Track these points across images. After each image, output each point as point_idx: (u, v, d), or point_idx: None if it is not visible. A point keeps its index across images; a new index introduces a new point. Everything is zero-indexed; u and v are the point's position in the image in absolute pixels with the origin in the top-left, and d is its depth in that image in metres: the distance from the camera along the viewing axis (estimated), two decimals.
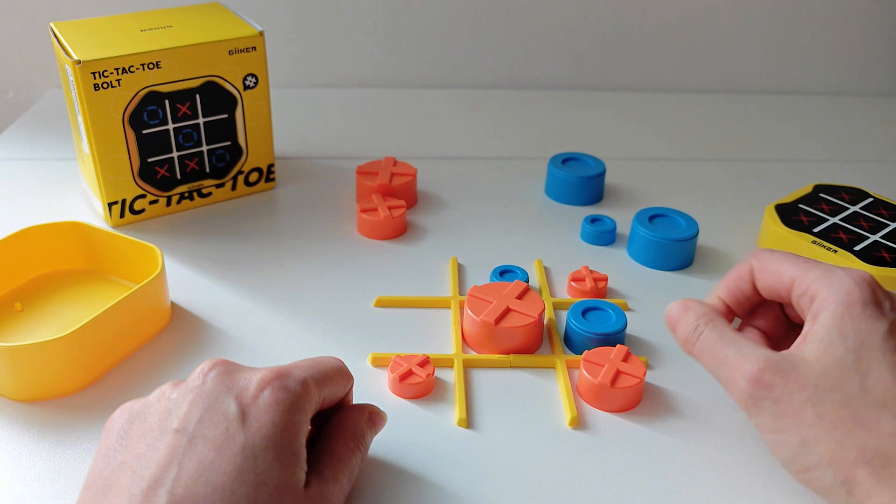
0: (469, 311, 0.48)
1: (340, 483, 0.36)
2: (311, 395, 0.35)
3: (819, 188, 0.62)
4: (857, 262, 0.52)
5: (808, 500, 0.39)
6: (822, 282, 0.37)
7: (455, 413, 0.44)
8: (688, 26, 0.88)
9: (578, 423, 0.43)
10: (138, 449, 0.32)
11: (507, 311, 0.48)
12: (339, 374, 0.38)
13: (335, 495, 0.35)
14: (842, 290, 0.37)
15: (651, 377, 0.47)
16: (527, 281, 0.54)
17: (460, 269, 0.57)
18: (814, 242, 0.55)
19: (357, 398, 0.42)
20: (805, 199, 0.60)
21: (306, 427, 0.35)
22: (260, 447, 0.32)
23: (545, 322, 0.51)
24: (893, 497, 0.33)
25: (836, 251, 0.54)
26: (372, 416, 0.39)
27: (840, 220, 0.57)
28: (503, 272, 0.55)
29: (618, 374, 0.44)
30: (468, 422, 0.43)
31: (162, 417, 0.33)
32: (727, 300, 0.42)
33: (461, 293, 0.54)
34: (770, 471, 0.41)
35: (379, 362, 0.47)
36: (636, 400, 0.45)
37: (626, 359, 0.45)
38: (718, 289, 0.43)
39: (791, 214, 0.58)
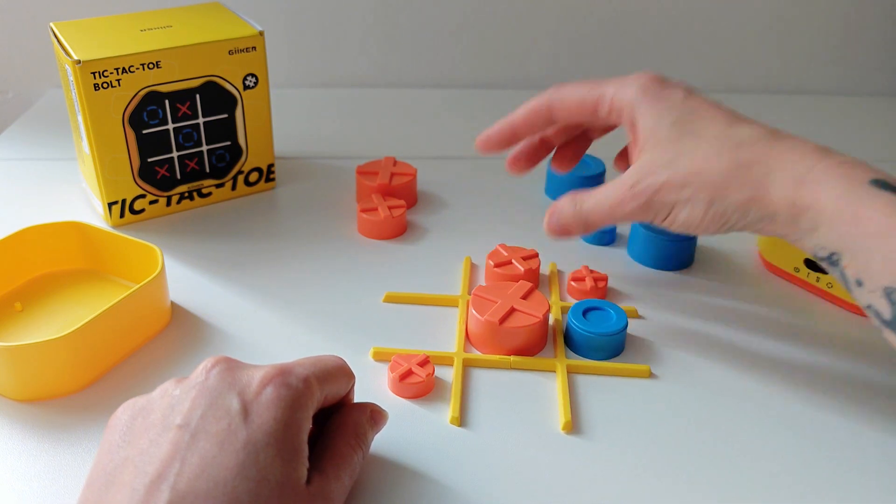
0: (473, 311, 0.48)
1: (342, 480, 0.35)
2: (312, 392, 0.35)
3: None
4: None
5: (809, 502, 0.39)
6: (620, 89, 0.46)
7: (449, 411, 0.44)
8: (687, 26, 0.88)
9: (573, 427, 0.43)
10: (141, 444, 0.32)
11: (512, 310, 0.48)
12: (341, 373, 0.38)
13: (336, 492, 0.35)
14: (637, 85, 0.45)
15: (651, 384, 0.47)
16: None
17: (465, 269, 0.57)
18: None
19: (357, 397, 0.42)
20: None
21: (308, 424, 0.35)
22: (262, 443, 0.32)
23: (550, 323, 0.51)
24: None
25: None
26: (374, 415, 0.39)
27: None
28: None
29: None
30: (462, 420, 0.43)
31: (165, 413, 0.33)
32: (522, 128, 0.49)
33: (468, 293, 0.54)
34: (771, 473, 0.41)
35: (381, 357, 0.47)
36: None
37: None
38: (513, 120, 0.49)
39: None
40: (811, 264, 0.45)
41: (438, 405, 0.45)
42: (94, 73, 0.54)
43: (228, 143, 0.62)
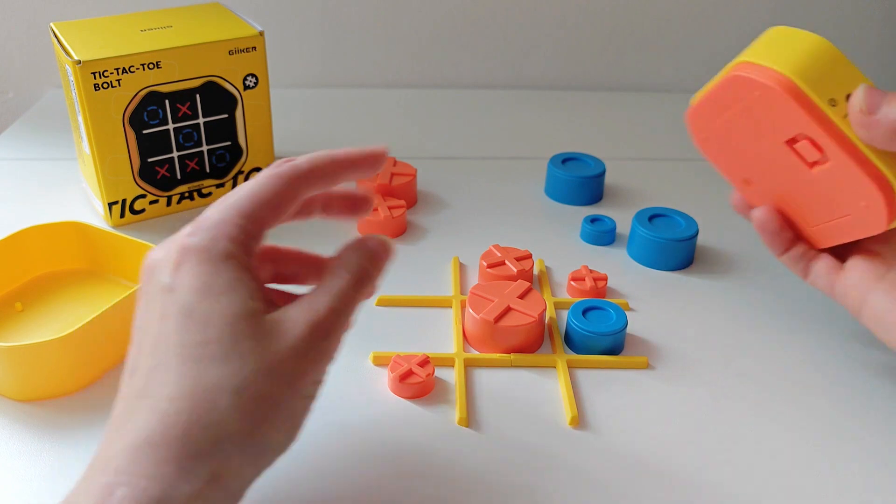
0: (470, 310, 0.48)
1: (317, 309, 0.32)
2: (221, 237, 0.32)
3: None
4: None
5: None
6: None
7: (456, 412, 0.44)
8: (687, 26, 0.88)
9: (579, 422, 0.43)
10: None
11: (508, 309, 0.48)
12: (271, 187, 0.34)
13: (307, 316, 0.32)
14: None
15: (651, 376, 0.47)
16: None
17: (461, 269, 0.57)
18: None
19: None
20: None
21: (239, 262, 0.32)
22: (191, 301, 0.31)
23: (546, 321, 0.51)
24: None
25: None
26: (372, 248, 0.36)
27: None
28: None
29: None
30: (468, 421, 0.43)
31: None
32: None
33: (462, 293, 0.54)
34: (773, 472, 0.41)
35: (380, 361, 0.47)
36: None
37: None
38: None
39: None
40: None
41: (440, 406, 0.45)
42: (94, 74, 0.54)
43: (228, 143, 0.62)
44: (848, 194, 0.41)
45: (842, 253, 0.46)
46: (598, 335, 0.47)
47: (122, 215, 0.60)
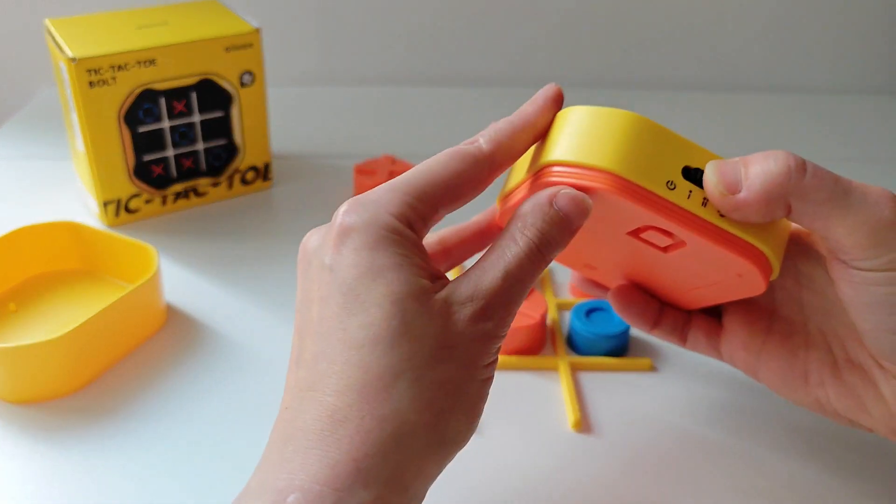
0: None
1: (486, 276, 0.29)
2: (389, 226, 0.30)
3: None
4: None
5: None
6: None
7: None
8: (688, 24, 0.88)
9: (582, 425, 0.43)
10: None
11: None
12: (452, 168, 0.33)
13: (472, 287, 0.29)
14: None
15: (655, 379, 0.47)
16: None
17: (462, 269, 0.56)
18: None
19: None
20: None
21: (405, 237, 0.30)
22: (351, 280, 0.28)
23: (548, 323, 0.50)
24: None
25: None
26: (560, 209, 0.30)
27: None
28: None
29: None
30: None
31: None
32: None
33: None
34: (775, 472, 0.40)
35: None
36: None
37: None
38: None
39: None
40: (690, 174, 0.32)
41: None
42: (89, 71, 0.53)
43: (225, 141, 0.62)
44: (716, 267, 0.34)
45: (712, 309, 0.41)
46: (601, 337, 0.47)
47: (117, 214, 0.60)
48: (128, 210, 0.60)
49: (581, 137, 0.32)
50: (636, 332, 0.50)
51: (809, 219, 0.30)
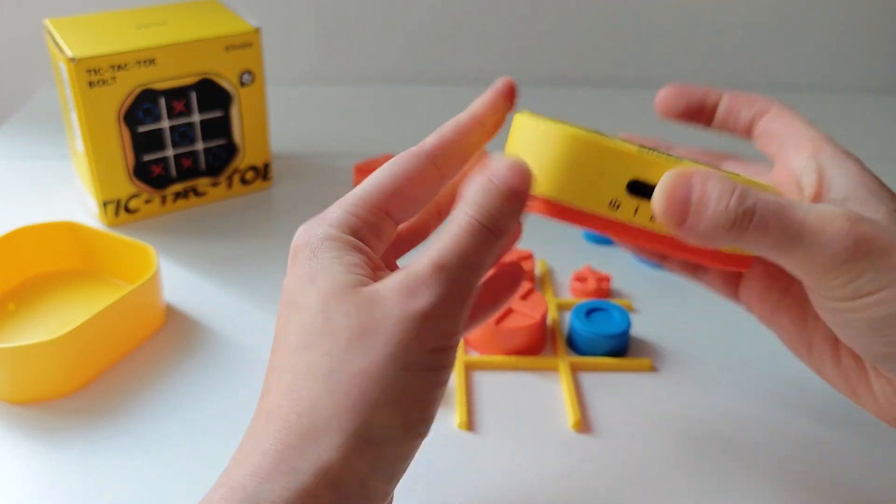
0: None
1: (414, 270, 0.28)
2: (334, 234, 0.31)
3: None
4: None
5: None
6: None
7: (456, 416, 0.43)
8: (687, 22, 0.88)
9: (582, 425, 0.43)
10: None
11: (510, 311, 0.47)
12: (404, 172, 0.33)
13: (400, 282, 0.28)
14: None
15: (655, 379, 0.46)
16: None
17: None
18: None
19: None
20: None
21: (340, 241, 0.30)
22: (293, 292, 0.30)
23: (549, 323, 0.50)
24: None
25: None
26: (499, 182, 0.29)
27: None
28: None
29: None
30: (469, 424, 0.43)
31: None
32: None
33: None
34: (775, 472, 0.40)
35: None
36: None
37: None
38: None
39: None
40: (638, 188, 0.30)
41: (440, 409, 0.44)
42: (88, 71, 0.53)
43: (224, 141, 0.61)
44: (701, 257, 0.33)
45: None
46: (601, 337, 0.47)
47: (117, 214, 0.59)
48: (127, 210, 0.60)
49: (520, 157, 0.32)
50: (636, 332, 0.50)
51: (765, 255, 0.30)
